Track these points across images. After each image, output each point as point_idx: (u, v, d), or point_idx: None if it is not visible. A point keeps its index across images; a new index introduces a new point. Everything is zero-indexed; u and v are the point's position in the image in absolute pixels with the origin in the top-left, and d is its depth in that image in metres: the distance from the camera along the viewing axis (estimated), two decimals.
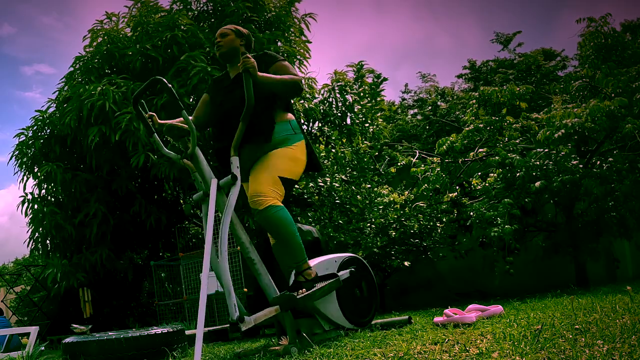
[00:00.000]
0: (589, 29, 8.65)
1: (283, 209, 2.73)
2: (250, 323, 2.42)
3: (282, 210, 2.72)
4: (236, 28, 3.05)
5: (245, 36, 3.05)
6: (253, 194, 2.73)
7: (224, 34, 3.01)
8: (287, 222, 2.72)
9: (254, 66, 2.64)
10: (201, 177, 2.71)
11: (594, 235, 6.94)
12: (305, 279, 2.77)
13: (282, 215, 2.71)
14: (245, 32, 3.06)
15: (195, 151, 2.67)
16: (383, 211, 7.00)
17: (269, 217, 2.70)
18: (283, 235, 2.75)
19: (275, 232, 2.76)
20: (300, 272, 2.79)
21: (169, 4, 7.33)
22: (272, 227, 2.73)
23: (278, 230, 2.73)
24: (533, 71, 14.29)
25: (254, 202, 2.71)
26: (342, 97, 7.71)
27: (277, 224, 2.71)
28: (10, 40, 52.51)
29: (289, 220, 2.74)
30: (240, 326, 2.37)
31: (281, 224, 2.71)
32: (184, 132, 2.73)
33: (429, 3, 42.94)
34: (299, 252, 2.78)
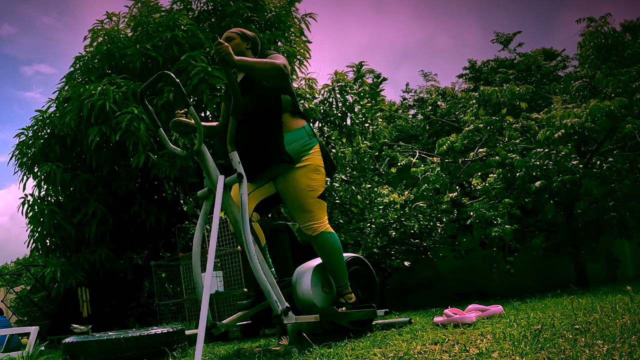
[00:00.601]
0: (589, 29, 8.64)
1: (334, 235, 2.89)
2: (292, 319, 2.52)
3: (333, 237, 2.88)
4: (241, 31, 3.01)
5: (250, 39, 3.01)
6: (305, 221, 2.83)
7: (229, 37, 2.96)
8: (338, 249, 2.89)
9: (229, 52, 2.52)
10: (206, 174, 2.70)
11: (594, 235, 6.93)
12: (346, 301, 2.92)
13: (334, 241, 2.88)
14: (251, 35, 3.02)
15: (201, 148, 2.65)
16: (383, 211, 6.99)
17: (322, 243, 2.84)
18: (333, 261, 2.89)
19: (326, 256, 2.89)
20: (342, 295, 2.95)
21: (169, 4, 7.34)
22: (325, 253, 2.87)
23: (329, 256, 2.88)
24: (533, 71, 14.29)
25: (307, 228, 2.83)
26: (342, 97, 7.71)
27: (329, 250, 2.86)
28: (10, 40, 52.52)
29: (339, 246, 2.91)
30: (283, 318, 2.48)
31: (333, 250, 2.87)
32: (190, 128, 2.71)
33: (429, 3, 42.95)
34: (343, 278, 2.94)
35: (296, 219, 2.93)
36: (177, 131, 2.77)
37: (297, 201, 2.85)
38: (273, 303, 2.49)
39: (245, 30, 3.05)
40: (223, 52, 2.52)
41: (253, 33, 3.07)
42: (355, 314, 2.83)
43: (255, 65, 2.68)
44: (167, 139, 2.82)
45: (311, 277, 2.89)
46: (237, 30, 3.01)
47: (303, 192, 2.83)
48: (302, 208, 2.84)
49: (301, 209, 2.85)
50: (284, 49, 7.18)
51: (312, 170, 2.86)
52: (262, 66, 2.68)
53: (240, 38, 2.97)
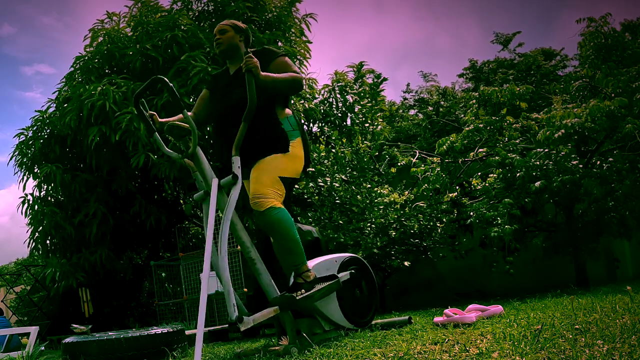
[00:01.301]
0: (589, 29, 8.65)
1: (283, 210, 2.73)
2: (249, 323, 2.41)
3: (282, 212, 2.72)
4: (234, 24, 3.03)
5: (244, 31, 3.04)
6: (254, 195, 2.73)
7: (222, 30, 2.99)
8: (287, 224, 2.72)
9: (257, 66, 2.63)
10: (202, 177, 2.71)
11: (594, 235, 6.94)
12: (304, 280, 2.76)
13: (282, 217, 2.71)
14: (244, 27, 3.05)
15: (196, 150, 2.67)
16: (383, 211, 6.99)
17: (269, 219, 2.70)
18: (283, 237, 2.74)
19: (275, 234, 2.75)
20: (299, 274, 2.78)
21: (170, 4, 7.34)
22: (272, 229, 2.72)
23: (278, 232, 2.73)
24: (533, 71, 14.29)
25: (254, 203, 2.72)
26: (343, 97, 7.71)
27: (277, 226, 2.71)
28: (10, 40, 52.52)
29: (289, 222, 2.74)
30: (239, 326, 2.37)
31: (281, 226, 2.71)
32: (185, 131, 2.72)
33: (429, 3, 42.94)
34: (298, 254, 2.78)
35: (248, 193, 2.84)
36: (171, 135, 2.78)
37: (258, 174, 2.77)
38: (229, 308, 2.41)
39: (238, 22, 3.07)
40: (252, 65, 2.63)
41: (245, 25, 3.10)
42: (317, 294, 2.72)
43: (278, 81, 2.76)
44: (162, 143, 2.83)
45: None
46: (229, 23, 3.04)
47: (269, 168, 2.77)
48: (259, 180, 2.75)
49: (256, 182, 2.75)
50: (284, 49, 7.18)
51: (289, 157, 2.84)
52: (285, 81, 2.78)
53: (233, 30, 3.00)
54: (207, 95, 3.11)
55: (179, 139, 2.79)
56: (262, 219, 2.71)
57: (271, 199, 2.71)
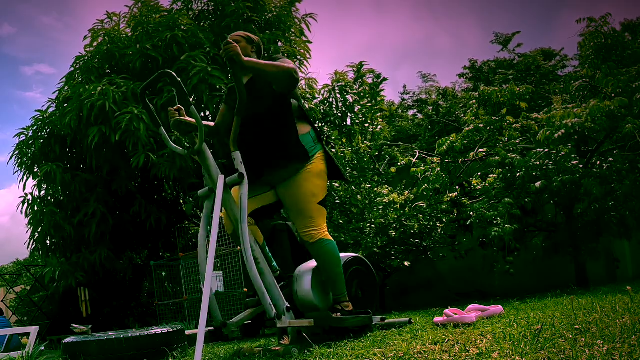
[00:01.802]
0: (589, 29, 8.64)
1: (333, 243, 2.86)
2: (285, 323, 2.52)
3: (331, 245, 2.84)
4: (247, 35, 2.99)
5: (255, 43, 3.00)
6: (304, 227, 2.81)
7: (235, 40, 2.91)
8: (335, 258, 2.85)
9: (238, 53, 2.52)
10: (207, 174, 2.70)
11: (594, 235, 6.93)
12: (342, 309, 2.89)
13: (332, 249, 2.84)
14: (256, 39, 3.01)
15: (202, 147, 2.65)
16: (383, 211, 6.99)
17: (320, 251, 2.82)
18: (330, 269, 2.86)
19: (324, 263, 2.86)
20: (339, 303, 2.91)
21: (170, 4, 7.34)
22: (323, 260, 2.85)
23: (326, 264, 2.85)
24: (533, 71, 14.28)
25: (306, 234, 2.82)
26: (343, 97, 7.71)
27: (327, 258, 2.84)
28: (11, 40, 52.56)
29: (338, 255, 2.87)
30: (277, 322, 2.48)
31: (330, 259, 2.84)
32: (192, 127, 2.71)
33: (429, 3, 42.97)
34: (341, 287, 2.90)
35: (295, 224, 2.92)
36: (178, 130, 2.78)
37: (297, 206, 2.84)
38: (267, 306, 2.49)
39: (251, 34, 3.04)
40: (232, 52, 2.51)
41: (257, 37, 3.07)
42: (350, 320, 2.82)
43: (264, 67, 2.65)
44: (168, 138, 2.82)
45: (312, 277, 2.89)
46: (242, 34, 3.00)
47: (304, 197, 2.82)
48: (302, 213, 2.83)
49: (301, 214, 2.83)
50: (284, 49, 7.18)
51: (315, 175, 2.85)
52: (271, 69, 2.65)
53: (245, 41, 2.94)
54: (226, 109, 3.03)
55: (185, 134, 2.79)
56: (313, 248, 2.84)
57: (321, 230, 2.82)
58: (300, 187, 2.82)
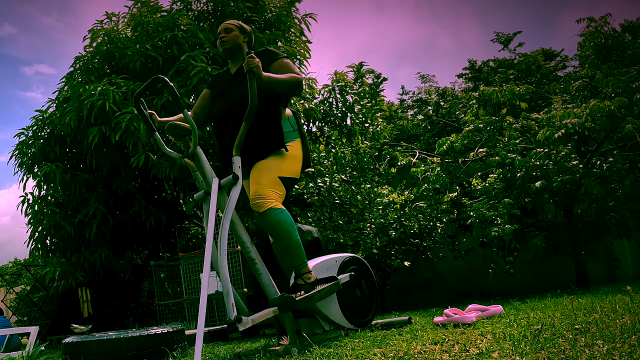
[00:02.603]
0: (589, 29, 8.64)
1: (284, 211, 2.74)
2: (248, 323, 2.40)
3: (282, 213, 2.73)
4: (239, 24, 3.06)
5: (247, 33, 3.07)
6: (254, 196, 2.73)
7: (228, 29, 3.01)
8: (287, 225, 2.73)
9: (259, 66, 2.64)
10: (202, 176, 2.71)
11: (594, 235, 6.94)
12: (304, 282, 2.76)
13: (283, 218, 2.72)
14: (248, 29, 3.08)
15: (196, 150, 2.66)
16: (383, 211, 7.00)
17: (269, 220, 2.70)
18: (283, 238, 2.75)
19: (276, 234, 2.76)
20: (299, 275, 2.79)
21: (169, 4, 7.33)
22: (273, 229, 2.74)
23: (278, 233, 2.74)
24: (533, 71, 14.28)
25: (254, 204, 2.72)
26: (343, 97, 7.71)
27: (278, 227, 2.71)
28: (11, 40, 52.59)
29: (290, 223, 2.74)
30: (238, 326, 2.36)
31: (282, 227, 2.72)
32: (186, 131, 2.72)
33: (429, 3, 42.99)
34: (299, 255, 2.78)
35: (248, 195, 2.84)
36: (172, 134, 2.79)
37: (257, 174, 2.79)
38: (228, 307, 2.40)
39: (243, 23, 3.10)
40: (254, 65, 2.63)
41: (249, 27, 3.13)
42: (317, 295, 2.72)
43: (279, 81, 2.77)
44: (162, 143, 2.83)
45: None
46: (235, 23, 3.06)
47: (268, 167, 2.78)
48: (258, 181, 2.76)
49: (256, 182, 2.76)
50: (284, 49, 7.17)
51: (288, 156, 2.85)
52: (285, 82, 2.79)
53: (238, 30, 3.02)
54: (208, 94, 3.11)
55: (179, 138, 2.80)
56: (263, 219, 2.72)
57: (271, 200, 2.72)
58: (268, 161, 2.81)
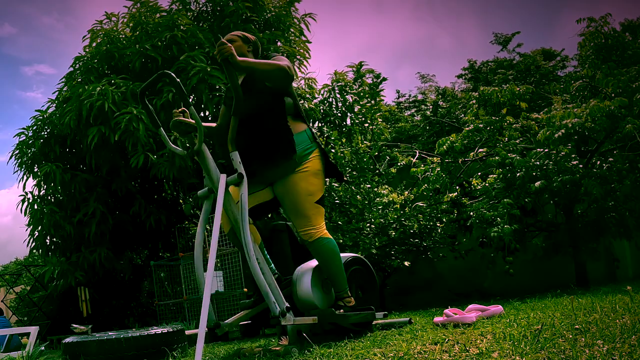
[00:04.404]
0: (589, 29, 8.64)
1: (332, 241, 2.87)
2: (290, 321, 2.51)
3: (331, 243, 2.86)
4: (243, 34, 2.99)
5: (252, 42, 2.99)
6: (303, 226, 2.82)
7: (231, 40, 2.93)
8: (335, 255, 2.87)
9: (232, 53, 2.52)
10: (207, 174, 2.70)
11: (594, 235, 6.94)
12: (344, 305, 2.91)
13: (331, 247, 2.85)
14: (252, 39, 3.01)
15: (201, 147, 2.64)
16: (382, 211, 7.00)
17: (319, 249, 2.83)
18: (331, 267, 2.87)
19: (324, 262, 2.88)
20: (341, 299, 2.93)
21: (169, 4, 7.33)
22: (323, 258, 2.86)
23: (326, 261, 2.86)
24: (533, 71, 14.28)
25: (304, 233, 2.82)
26: (342, 97, 7.71)
27: (327, 256, 2.85)
28: (11, 40, 52.60)
29: (337, 252, 2.89)
30: (281, 320, 2.47)
31: (330, 257, 2.85)
32: (191, 127, 2.71)
33: (429, 3, 43.00)
34: (342, 283, 2.92)
35: (294, 224, 2.93)
36: (177, 131, 2.78)
37: (295, 206, 2.84)
38: (271, 304, 2.49)
39: (247, 33, 3.03)
40: (226, 52, 2.51)
41: (254, 37, 3.06)
42: (353, 317, 2.83)
43: (258, 65, 2.66)
44: (167, 138, 2.82)
45: (311, 277, 2.89)
46: (238, 33, 2.99)
47: (302, 196, 2.82)
48: (300, 213, 2.83)
49: (299, 214, 2.83)
50: (283, 49, 7.17)
51: (311, 174, 2.85)
52: (265, 67, 2.67)
53: (241, 40, 2.94)
54: (225, 109, 3.05)
55: (184, 135, 2.79)
56: (312, 247, 2.84)
57: (319, 229, 2.82)
58: (297, 186, 2.81)
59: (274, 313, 2.48)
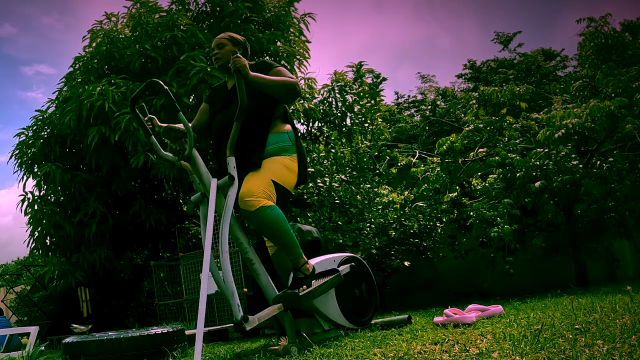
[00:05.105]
0: (589, 29, 8.64)
1: (275, 207, 2.66)
2: (254, 322, 2.42)
3: (274, 210, 2.65)
4: (231, 37, 3.01)
5: (241, 43, 3.02)
6: (243, 195, 2.64)
7: (220, 44, 2.97)
8: (279, 220, 2.65)
9: (245, 65, 2.63)
10: (199, 179, 2.71)
11: (594, 235, 6.94)
12: (304, 274, 2.72)
13: (274, 213, 2.65)
14: (242, 40, 3.04)
15: (192, 152, 2.66)
16: (382, 211, 6.99)
17: (260, 218, 2.63)
18: (276, 234, 2.68)
19: (268, 231, 2.69)
20: (298, 268, 2.74)
21: (168, 5, 7.33)
22: (265, 227, 2.66)
23: (271, 230, 2.67)
24: (533, 71, 14.28)
25: (244, 202, 2.63)
26: (342, 97, 7.71)
27: (270, 223, 2.64)
28: (11, 41, 52.62)
29: (282, 218, 2.67)
30: (245, 326, 2.37)
31: (273, 223, 2.64)
32: (181, 133, 2.73)
33: (429, 3, 43.00)
34: (294, 249, 2.73)
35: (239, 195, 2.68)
36: (168, 137, 2.79)
37: (250, 177, 2.72)
38: (234, 308, 2.41)
39: (234, 34, 3.05)
40: (239, 64, 2.62)
41: (242, 37, 3.09)
42: (319, 289, 2.71)
43: (268, 83, 2.74)
44: (158, 146, 2.82)
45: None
46: (226, 36, 3.01)
47: (262, 171, 2.74)
48: (249, 182, 2.69)
49: (246, 183, 2.69)
50: (283, 49, 7.17)
51: (284, 165, 2.81)
52: (275, 84, 2.75)
53: (231, 44, 2.98)
54: (207, 108, 3.07)
55: (175, 141, 2.80)
56: (254, 218, 2.64)
57: (262, 198, 2.64)
58: (263, 166, 2.76)
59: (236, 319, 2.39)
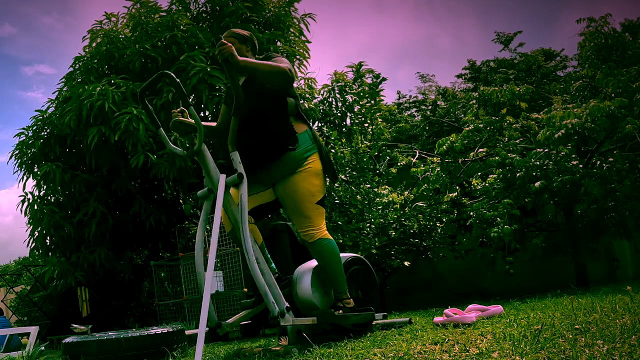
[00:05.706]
0: (589, 29, 8.63)
1: (332, 242, 2.88)
2: (289, 321, 2.50)
3: (331, 243, 2.86)
4: (236, 34, 2.94)
5: (249, 40, 2.95)
6: (304, 226, 2.82)
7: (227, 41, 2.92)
8: (335, 256, 2.87)
9: (232, 53, 2.50)
10: (206, 174, 2.69)
11: (594, 235, 6.93)
12: (343, 306, 2.91)
13: (332, 248, 2.86)
14: (248, 35, 2.97)
15: (201, 147, 2.63)
16: (382, 211, 6.99)
17: (319, 250, 2.83)
18: (330, 268, 2.88)
19: (324, 263, 2.88)
20: (340, 300, 2.93)
21: (168, 5, 7.34)
22: (323, 259, 2.86)
23: (323, 260, 2.86)
24: (533, 71, 14.27)
25: (305, 234, 2.83)
26: (342, 97, 7.71)
27: (327, 257, 2.85)
28: (11, 40, 52.63)
29: (337, 254, 2.89)
30: (280, 320, 2.47)
31: (330, 258, 2.86)
32: (191, 128, 2.71)
33: (429, 3, 43.01)
34: (341, 284, 2.93)
35: (295, 224, 2.93)
36: (177, 131, 2.77)
37: (296, 206, 2.84)
38: (270, 304, 2.49)
39: (241, 30, 2.99)
40: (226, 52, 2.49)
41: (249, 32, 3.02)
42: (353, 318, 2.83)
43: (259, 67, 2.64)
44: (167, 138, 2.81)
45: (311, 277, 2.90)
46: (231, 34, 2.94)
47: (302, 197, 2.81)
48: (301, 213, 2.83)
49: (300, 215, 2.84)
50: (283, 49, 7.18)
51: (313, 175, 2.84)
52: (266, 68, 2.66)
53: (238, 41, 2.89)
54: (225, 109, 3.03)
55: (184, 135, 2.79)
56: (313, 248, 2.85)
57: (320, 230, 2.83)
58: (298, 187, 2.81)
59: (272, 314, 2.47)
